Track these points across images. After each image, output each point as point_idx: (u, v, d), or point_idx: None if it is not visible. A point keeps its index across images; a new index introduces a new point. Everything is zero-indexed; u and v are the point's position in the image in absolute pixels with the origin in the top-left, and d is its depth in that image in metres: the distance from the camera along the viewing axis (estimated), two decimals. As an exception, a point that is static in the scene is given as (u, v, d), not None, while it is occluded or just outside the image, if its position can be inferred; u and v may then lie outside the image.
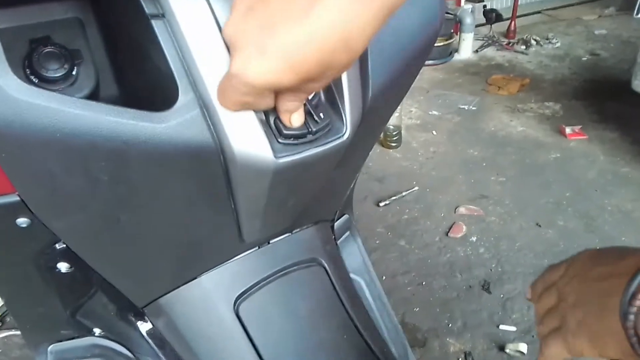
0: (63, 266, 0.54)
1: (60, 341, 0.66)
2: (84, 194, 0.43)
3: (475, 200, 2.17)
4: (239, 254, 0.63)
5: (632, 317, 0.35)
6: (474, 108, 3.03)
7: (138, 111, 0.40)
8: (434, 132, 2.76)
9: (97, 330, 0.66)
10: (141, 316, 0.63)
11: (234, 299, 0.62)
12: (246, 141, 0.45)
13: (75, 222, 0.46)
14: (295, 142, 0.47)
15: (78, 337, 0.66)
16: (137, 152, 0.41)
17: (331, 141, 0.50)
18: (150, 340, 0.63)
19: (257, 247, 0.65)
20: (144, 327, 0.63)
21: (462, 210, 2.10)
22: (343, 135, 0.50)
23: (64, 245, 0.51)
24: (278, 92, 0.40)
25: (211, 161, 0.46)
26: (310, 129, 0.48)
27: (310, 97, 0.48)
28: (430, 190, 2.25)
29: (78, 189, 0.43)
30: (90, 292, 0.62)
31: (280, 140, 0.47)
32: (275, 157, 0.46)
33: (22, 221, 0.46)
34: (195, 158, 0.44)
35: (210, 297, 0.62)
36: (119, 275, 0.56)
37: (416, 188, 2.26)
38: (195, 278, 0.61)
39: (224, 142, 0.45)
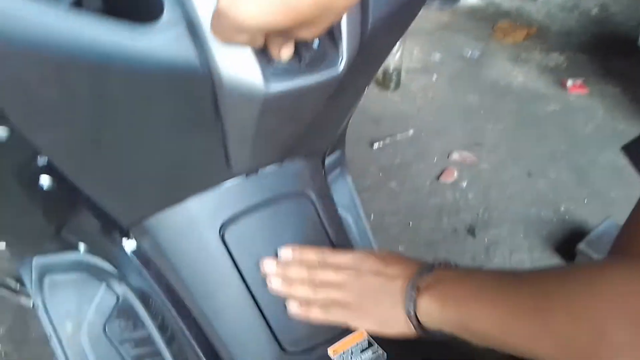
0: (46, 180, 0.53)
1: (45, 254, 0.67)
2: (64, 108, 0.42)
3: (469, 147, 2.16)
4: (227, 181, 0.63)
5: (411, 310, 0.52)
6: (477, 54, 2.95)
7: (120, 22, 0.38)
8: (435, 77, 2.71)
9: (82, 246, 0.67)
10: (127, 235, 0.64)
11: (220, 224, 0.62)
12: (235, 66, 0.43)
13: (55, 136, 0.45)
14: (288, 70, 0.46)
15: (63, 252, 0.67)
16: (119, 67, 0.39)
17: (325, 71, 0.48)
18: (135, 259, 0.64)
19: (245, 175, 0.64)
20: (129, 246, 0.64)
21: (455, 156, 2.10)
22: (338, 66, 0.49)
23: (46, 159, 0.50)
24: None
25: (198, 84, 0.44)
26: (303, 58, 0.46)
27: None
28: (426, 135, 2.23)
29: (57, 103, 0.42)
30: (75, 209, 0.62)
31: (271, 67, 0.45)
32: (265, 85, 0.45)
33: (1, 130, 0.45)
34: (181, 79, 0.43)
35: (196, 221, 0.62)
36: (103, 194, 0.56)
37: (411, 132, 2.24)
38: (182, 201, 0.61)
39: (211, 65, 0.43)
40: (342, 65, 0.48)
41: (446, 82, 2.67)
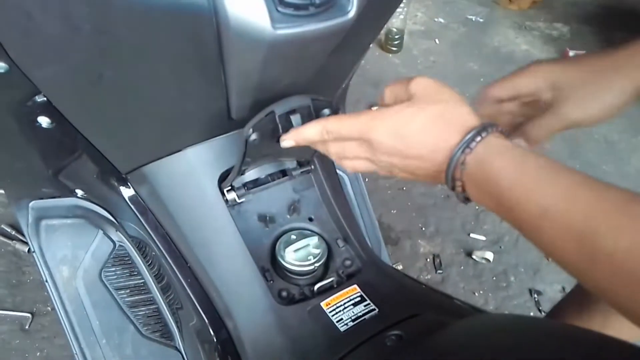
0: (44, 121, 0.52)
1: (42, 199, 0.66)
2: (65, 42, 0.41)
3: (467, 114, 2.15)
4: (227, 132, 0.62)
5: (461, 165, 0.46)
6: (481, 20, 2.90)
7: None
8: (437, 41, 2.66)
9: (79, 192, 0.66)
10: (124, 182, 0.63)
11: (219, 175, 0.62)
12: (242, 6, 0.42)
13: (55, 73, 0.44)
14: (296, 13, 0.44)
15: (60, 197, 0.66)
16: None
17: (335, 17, 0.46)
18: (132, 206, 0.64)
19: (245, 127, 0.63)
20: (127, 192, 0.63)
21: (452, 123, 2.09)
22: (348, 12, 0.47)
23: (45, 99, 0.49)
24: None
25: (203, 23, 0.42)
26: (313, 1, 0.44)
27: None
28: (424, 100, 2.21)
29: (58, 36, 0.40)
30: (74, 154, 0.61)
31: (279, 8, 0.43)
32: (273, 27, 0.43)
33: (0, 66, 0.44)
34: (186, 17, 0.41)
35: (194, 171, 0.61)
36: (102, 138, 0.55)
37: (410, 96, 2.22)
38: (181, 150, 0.60)
39: (217, 3, 0.41)
40: (353, 11, 0.46)
41: (448, 47, 2.63)
